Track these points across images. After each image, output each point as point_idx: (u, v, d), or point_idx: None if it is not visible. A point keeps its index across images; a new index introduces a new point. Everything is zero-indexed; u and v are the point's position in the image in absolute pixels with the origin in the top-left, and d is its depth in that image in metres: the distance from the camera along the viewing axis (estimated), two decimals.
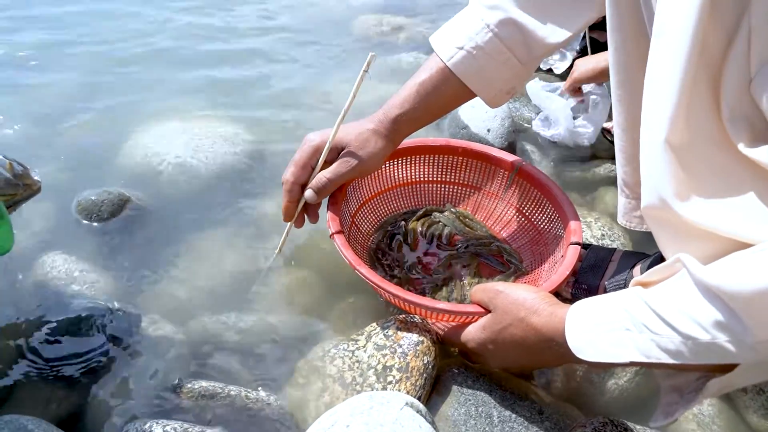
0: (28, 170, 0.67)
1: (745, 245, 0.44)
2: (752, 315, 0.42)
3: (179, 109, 1.17)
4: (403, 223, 0.88)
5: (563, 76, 1.33)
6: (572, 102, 1.17)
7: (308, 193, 0.73)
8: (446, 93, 0.74)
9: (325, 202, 0.77)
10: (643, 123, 0.49)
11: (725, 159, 0.46)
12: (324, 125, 0.74)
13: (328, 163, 0.73)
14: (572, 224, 0.77)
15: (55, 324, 0.71)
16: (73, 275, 0.79)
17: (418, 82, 0.73)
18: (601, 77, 1.09)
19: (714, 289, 0.43)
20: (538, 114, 1.22)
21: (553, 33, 0.69)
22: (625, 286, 0.76)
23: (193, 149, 1.03)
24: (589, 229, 0.93)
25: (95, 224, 0.88)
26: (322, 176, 0.72)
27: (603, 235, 0.92)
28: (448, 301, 0.78)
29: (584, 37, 1.32)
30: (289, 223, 0.77)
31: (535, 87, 1.19)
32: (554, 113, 1.16)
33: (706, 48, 0.43)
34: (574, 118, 1.15)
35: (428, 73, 0.73)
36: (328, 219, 0.74)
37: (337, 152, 0.73)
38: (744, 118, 0.44)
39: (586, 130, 1.14)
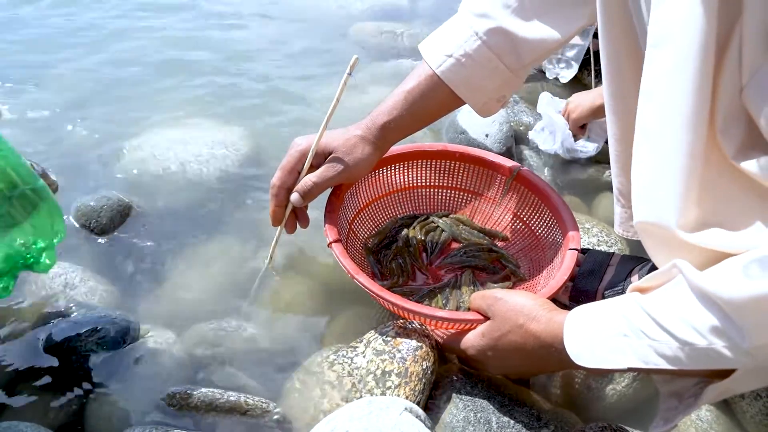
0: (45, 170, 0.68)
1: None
2: (748, 320, 0.42)
3: (178, 115, 1.17)
4: (405, 231, 0.88)
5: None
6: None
7: (294, 196, 0.73)
8: (434, 100, 0.74)
9: (322, 206, 0.77)
10: (639, 134, 0.49)
11: (713, 172, 0.46)
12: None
13: (315, 168, 0.73)
14: (570, 230, 0.77)
15: (53, 330, 0.71)
16: (72, 281, 0.78)
17: (407, 90, 0.73)
18: (599, 113, 1.07)
19: (710, 295, 0.44)
20: (537, 121, 1.22)
21: (543, 41, 0.69)
22: (623, 293, 0.76)
23: (192, 155, 1.03)
24: (587, 235, 0.93)
25: (94, 230, 0.88)
26: (307, 180, 0.73)
27: (600, 241, 0.92)
28: (445, 308, 0.78)
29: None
30: (278, 230, 0.78)
31: (546, 98, 1.17)
32: (553, 127, 1.14)
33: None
34: (574, 136, 1.14)
35: (417, 80, 0.73)
36: (325, 227, 0.74)
37: (324, 157, 0.73)
38: (736, 126, 0.44)
39: (585, 150, 1.13)
